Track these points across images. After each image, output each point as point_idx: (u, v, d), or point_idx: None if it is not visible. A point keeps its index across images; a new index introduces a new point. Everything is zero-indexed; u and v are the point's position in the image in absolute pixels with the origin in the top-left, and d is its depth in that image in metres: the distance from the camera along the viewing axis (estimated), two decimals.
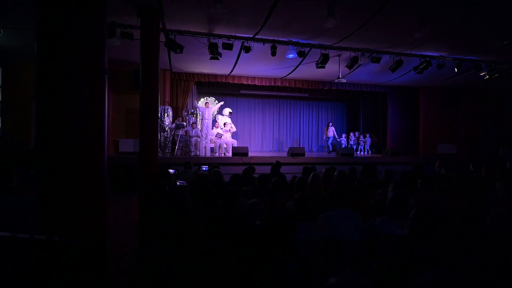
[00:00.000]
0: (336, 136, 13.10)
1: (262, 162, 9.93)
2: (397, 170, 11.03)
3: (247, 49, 6.86)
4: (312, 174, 4.23)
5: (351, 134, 13.92)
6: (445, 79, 11.44)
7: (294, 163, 10.11)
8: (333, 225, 2.62)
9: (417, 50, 7.91)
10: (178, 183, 3.17)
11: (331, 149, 12.66)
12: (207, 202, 3.30)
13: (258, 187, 4.04)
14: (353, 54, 8.07)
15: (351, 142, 13.76)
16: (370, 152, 13.42)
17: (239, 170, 10.12)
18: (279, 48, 7.99)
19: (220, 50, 6.93)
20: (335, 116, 16.83)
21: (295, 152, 10.17)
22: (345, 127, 16.51)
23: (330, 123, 13.15)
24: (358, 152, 13.38)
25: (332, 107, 16.75)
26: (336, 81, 9.57)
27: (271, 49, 7.09)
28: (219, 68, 10.40)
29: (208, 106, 10.34)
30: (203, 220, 2.77)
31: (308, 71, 10.54)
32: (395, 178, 5.81)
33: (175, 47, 6.42)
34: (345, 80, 9.40)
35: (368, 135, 13.54)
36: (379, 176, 5.92)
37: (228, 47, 6.66)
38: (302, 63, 9.73)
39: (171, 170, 3.99)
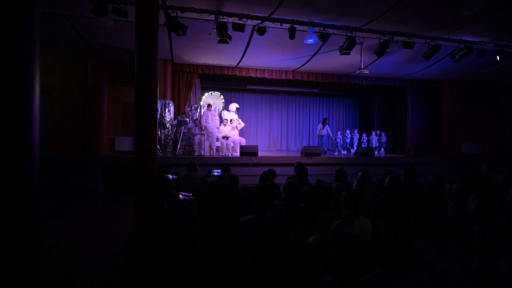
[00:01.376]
0: (331, 134, 11.92)
1: (274, 163, 8.93)
2: (420, 172, 10.01)
3: (262, 31, 5.85)
4: (357, 180, 3.22)
5: (355, 131, 12.94)
6: (474, 71, 10.40)
7: (309, 164, 9.10)
8: (436, 273, 1.61)
9: (455, 35, 6.88)
10: (180, 197, 2.18)
11: (325, 149, 11.43)
12: (228, 228, 2.32)
13: (286, 200, 3.06)
14: (379, 40, 7.04)
15: (355, 141, 12.73)
16: (384, 151, 12.41)
17: (248, 171, 9.18)
18: (297, 33, 6.98)
19: (230, 32, 5.92)
20: (347, 113, 15.87)
21: (310, 152, 9.16)
22: (357, 125, 15.52)
23: (326, 120, 11.78)
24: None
25: (343, 104, 15.78)
26: (357, 72, 8.56)
27: (289, 31, 6.08)
28: (226, 58, 9.39)
29: (210, 109, 9.32)
30: (226, 262, 1.79)
31: (324, 61, 9.53)
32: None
33: (177, 28, 5.42)
34: (367, 71, 8.38)
35: (383, 133, 12.52)
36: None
37: (239, 28, 5.66)
38: (318, 52, 8.72)
39: (170, 176, 2.99)
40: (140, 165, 4.81)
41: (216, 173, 3.20)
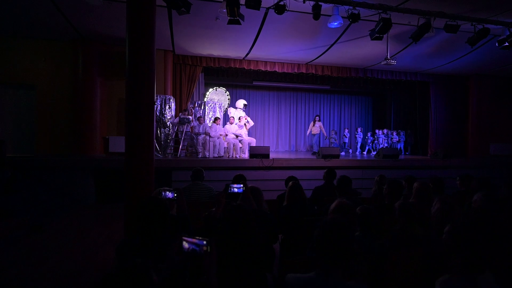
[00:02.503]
0: (325, 133, 10.73)
1: (287, 166, 7.95)
2: (446, 175, 9.03)
3: (281, 9, 4.85)
4: (441, 200, 2.21)
5: (359, 130, 11.90)
6: (505, 65, 9.37)
7: (326, 167, 8.09)
8: None
9: (505, 17, 5.86)
10: (186, 246, 1.18)
11: (315, 150, 10.26)
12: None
13: (363, 238, 2.07)
14: (417, 21, 6.04)
15: (358, 140, 11.66)
16: (403, 152, 11.40)
17: (259, 175, 8.19)
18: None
19: (242, 11, 4.94)
20: (359, 112, 14.87)
21: (328, 153, 8.16)
22: (371, 124, 14.54)
23: (317, 117, 10.45)
24: (373, 153, 11.32)
25: (355, 101, 14.77)
26: (382, 63, 7.54)
27: (313, 11, 5.09)
28: (233, 48, 8.39)
29: (218, 123, 8.33)
30: None
31: (343, 52, 8.52)
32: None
33: (179, 4, 4.42)
34: (394, 62, 7.37)
35: (395, 132, 11.50)
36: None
37: (255, 4, 4.65)
38: (338, 41, 7.71)
39: (168, 194, 2.02)
40: (133, 171, 3.84)
41: (236, 190, 2.21)
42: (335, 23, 5.67)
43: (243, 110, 9.74)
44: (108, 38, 7.71)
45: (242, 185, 2.26)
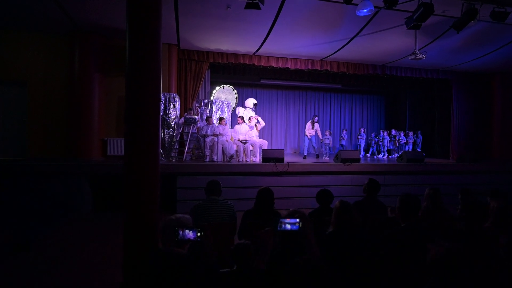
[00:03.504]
0: (320, 135, 9.36)
1: (304, 171, 7.25)
2: (474, 181, 8.26)
3: None
4: None
5: (362, 130, 11.14)
6: None
7: (345, 173, 7.41)
8: None
9: None
10: None
11: (313, 152, 9.41)
12: None
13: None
14: (462, 7, 5.34)
15: (362, 142, 10.84)
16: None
17: (272, 181, 7.45)
18: (341, 6, 5.32)
19: None
20: (371, 112, 14.18)
21: (347, 157, 7.45)
22: (383, 124, 13.84)
23: (316, 117, 9.23)
24: (381, 155, 10.60)
25: (367, 101, 14.09)
26: (410, 58, 6.86)
27: None
28: (244, 42, 7.69)
29: (223, 123, 7.65)
30: None
31: (363, 47, 7.83)
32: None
33: None
34: (424, 56, 6.69)
35: (402, 133, 10.78)
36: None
37: None
38: (359, 34, 7.01)
39: (189, 234, 1.32)
40: (134, 178, 3.12)
41: (290, 226, 1.49)
42: (365, 10, 4.98)
43: (253, 110, 9.04)
44: (107, 30, 7.02)
45: (298, 220, 1.55)
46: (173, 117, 7.35)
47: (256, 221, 2.88)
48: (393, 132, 10.95)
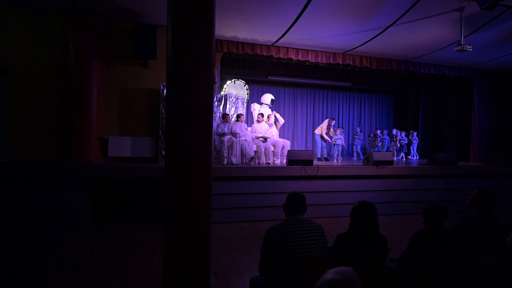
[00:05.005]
0: (330, 139, 8.40)
1: (334, 175, 6.46)
2: (500, 185, 7.72)
3: None
4: None
5: (358, 130, 10.70)
6: None
7: (376, 176, 6.68)
8: None
9: None
10: None
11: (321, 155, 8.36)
12: None
13: None
14: None
15: (357, 142, 10.27)
16: (404, 156, 10.15)
17: (300, 186, 6.52)
18: None
19: None
20: (379, 111, 13.64)
21: (380, 159, 6.72)
22: (391, 125, 13.32)
23: (333, 121, 8.55)
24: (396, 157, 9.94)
25: (376, 100, 13.57)
26: (455, 49, 6.20)
27: None
28: (266, 30, 6.81)
29: (242, 120, 6.83)
30: None
31: (395, 38, 7.14)
32: None
33: None
34: (471, 47, 6.04)
35: (403, 133, 10.29)
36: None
37: None
38: (396, 23, 6.30)
39: None
40: (179, 193, 2.26)
41: None
42: None
43: (270, 107, 8.17)
44: (108, 10, 5.99)
45: None
46: None
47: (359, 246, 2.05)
48: (394, 131, 10.35)
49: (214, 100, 7.42)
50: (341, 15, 6.08)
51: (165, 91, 6.16)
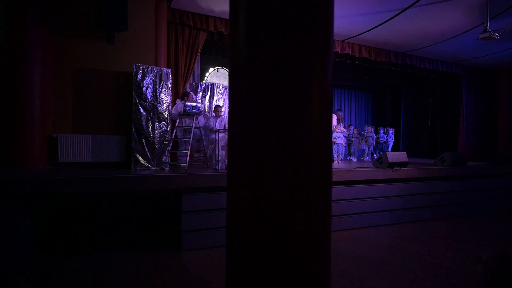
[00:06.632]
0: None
1: (349, 180, 5.48)
2: (499, 184, 7.42)
3: None
4: None
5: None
6: None
7: (390, 180, 5.85)
8: None
9: None
10: None
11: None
12: None
13: None
14: None
15: (341, 140, 9.40)
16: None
17: None
18: None
19: None
20: (358, 109, 13.20)
21: (395, 161, 5.89)
22: (370, 122, 12.95)
23: (340, 112, 7.98)
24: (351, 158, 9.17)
25: (355, 97, 13.10)
26: (480, 36, 5.55)
27: None
28: None
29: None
30: None
31: (404, 24, 6.39)
32: None
33: None
34: (498, 35, 5.44)
35: (392, 130, 9.69)
36: None
37: None
38: (414, 5, 5.50)
39: None
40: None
41: None
42: None
43: None
44: None
45: None
46: (165, 105, 4.92)
47: None
48: (371, 128, 9.40)
49: (199, 89, 6.03)
50: None
51: (139, 74, 4.64)
